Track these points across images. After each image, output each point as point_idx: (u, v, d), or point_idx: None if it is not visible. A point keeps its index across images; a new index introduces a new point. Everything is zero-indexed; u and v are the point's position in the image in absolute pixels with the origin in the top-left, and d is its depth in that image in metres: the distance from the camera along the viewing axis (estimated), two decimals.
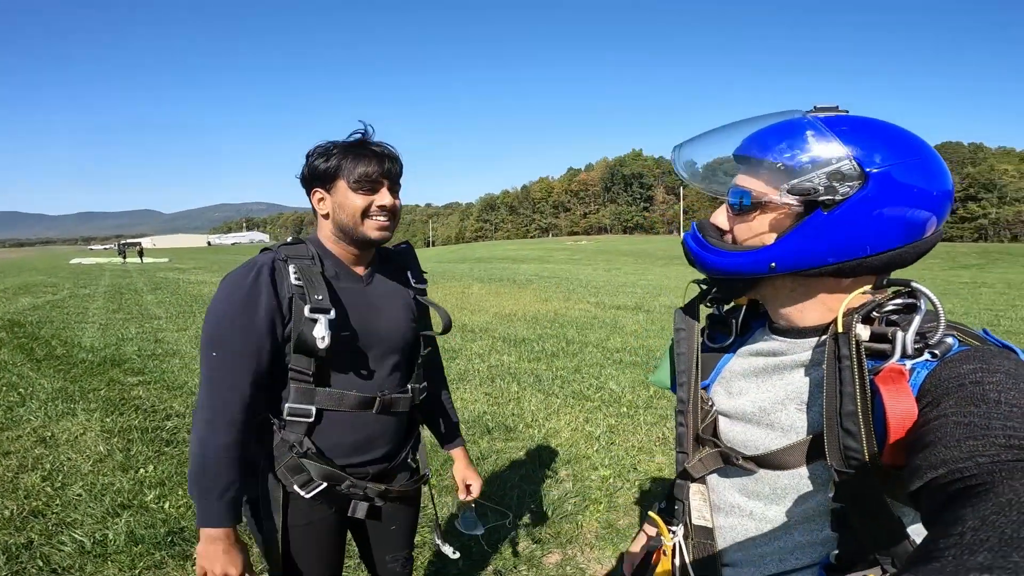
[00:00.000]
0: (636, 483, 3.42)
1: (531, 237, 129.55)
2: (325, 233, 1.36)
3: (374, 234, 1.31)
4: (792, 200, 0.72)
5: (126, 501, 3.05)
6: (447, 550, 1.66)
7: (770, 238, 0.76)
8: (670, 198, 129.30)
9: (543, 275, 19.47)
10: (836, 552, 0.74)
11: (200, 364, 1.25)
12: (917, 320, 0.69)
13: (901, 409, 0.63)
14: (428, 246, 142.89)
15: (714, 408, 0.90)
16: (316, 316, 1.22)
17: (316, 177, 1.31)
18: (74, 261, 37.82)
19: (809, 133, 0.72)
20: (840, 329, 0.73)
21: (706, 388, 0.93)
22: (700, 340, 0.95)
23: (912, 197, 0.70)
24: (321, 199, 1.33)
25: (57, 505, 3.02)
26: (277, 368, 1.28)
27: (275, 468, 1.30)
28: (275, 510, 1.33)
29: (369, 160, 1.28)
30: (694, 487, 0.91)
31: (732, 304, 0.96)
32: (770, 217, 0.76)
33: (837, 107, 0.77)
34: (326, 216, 1.33)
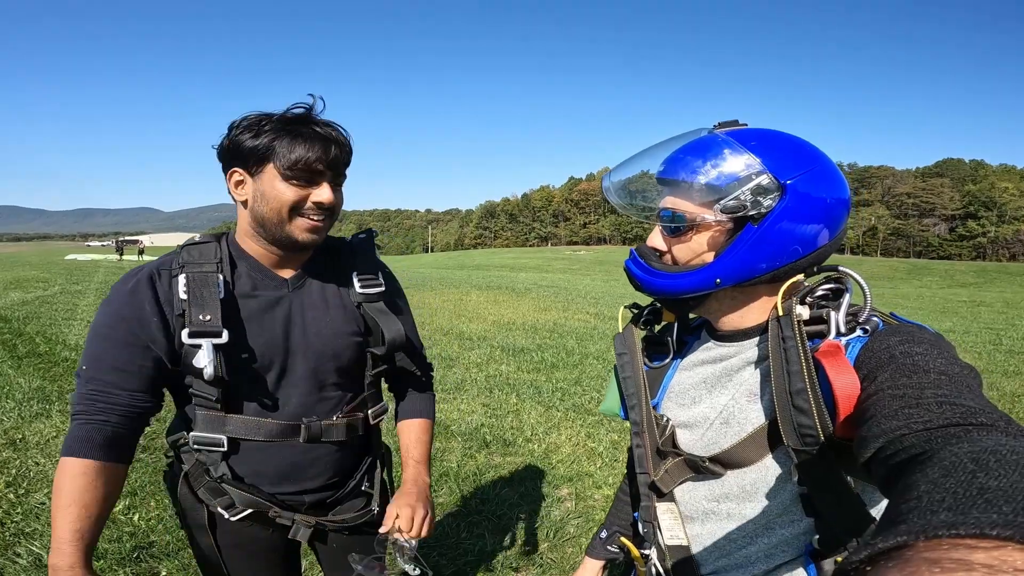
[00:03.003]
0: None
1: (530, 246, 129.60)
2: (243, 226, 1.12)
3: (301, 236, 1.08)
4: (724, 218, 0.77)
5: None
6: (408, 567, 1.47)
7: (710, 256, 0.80)
8: None
9: (542, 284, 19.28)
10: (817, 536, 0.75)
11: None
12: (847, 300, 0.76)
13: (844, 381, 0.66)
14: (427, 252, 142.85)
15: (670, 422, 0.92)
16: (197, 341, 1.03)
17: (238, 155, 1.05)
18: (69, 257, 37.45)
19: (727, 151, 0.77)
20: (781, 313, 0.77)
21: (655, 407, 0.96)
22: (643, 360, 0.98)
23: (822, 199, 0.77)
24: (240, 182, 1.08)
25: (18, 513, 2.79)
26: (180, 389, 1.13)
27: (194, 488, 1.16)
28: (201, 532, 1.19)
29: (310, 143, 1.03)
30: (662, 506, 0.91)
31: (663, 323, 1.01)
32: (706, 236, 0.80)
33: (738, 121, 0.82)
34: (244, 204, 1.09)
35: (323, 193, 1.06)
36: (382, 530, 1.19)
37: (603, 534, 1.18)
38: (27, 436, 3.79)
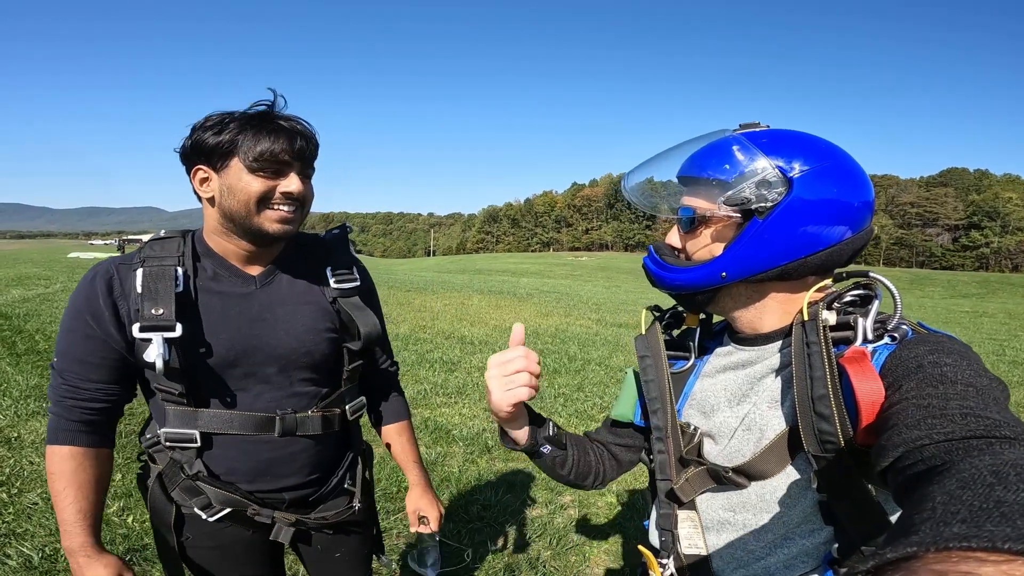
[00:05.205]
0: (645, 511, 3.15)
1: (532, 251, 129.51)
2: (211, 224, 1.12)
3: (272, 227, 1.08)
4: (729, 211, 0.77)
5: None
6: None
7: (718, 249, 0.80)
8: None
9: (543, 289, 19.22)
10: (836, 545, 0.74)
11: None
12: (875, 306, 0.74)
13: (868, 388, 0.65)
14: (429, 255, 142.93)
15: (698, 431, 0.88)
16: (148, 335, 1.03)
17: (202, 152, 1.06)
18: (72, 255, 37.36)
19: (735, 148, 0.78)
20: (806, 317, 0.76)
21: (677, 413, 0.93)
22: (667, 363, 0.94)
23: (834, 196, 0.75)
24: (205, 179, 1.08)
25: (10, 513, 2.75)
26: (147, 384, 1.14)
27: (168, 489, 1.15)
28: (167, 532, 1.17)
29: (275, 136, 1.04)
30: (683, 514, 0.89)
31: (684, 328, 0.98)
32: (714, 230, 0.80)
33: (759, 123, 0.82)
34: (211, 201, 1.09)
35: (291, 183, 1.07)
36: (423, 530, 1.39)
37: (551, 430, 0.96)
38: (22, 434, 3.75)
